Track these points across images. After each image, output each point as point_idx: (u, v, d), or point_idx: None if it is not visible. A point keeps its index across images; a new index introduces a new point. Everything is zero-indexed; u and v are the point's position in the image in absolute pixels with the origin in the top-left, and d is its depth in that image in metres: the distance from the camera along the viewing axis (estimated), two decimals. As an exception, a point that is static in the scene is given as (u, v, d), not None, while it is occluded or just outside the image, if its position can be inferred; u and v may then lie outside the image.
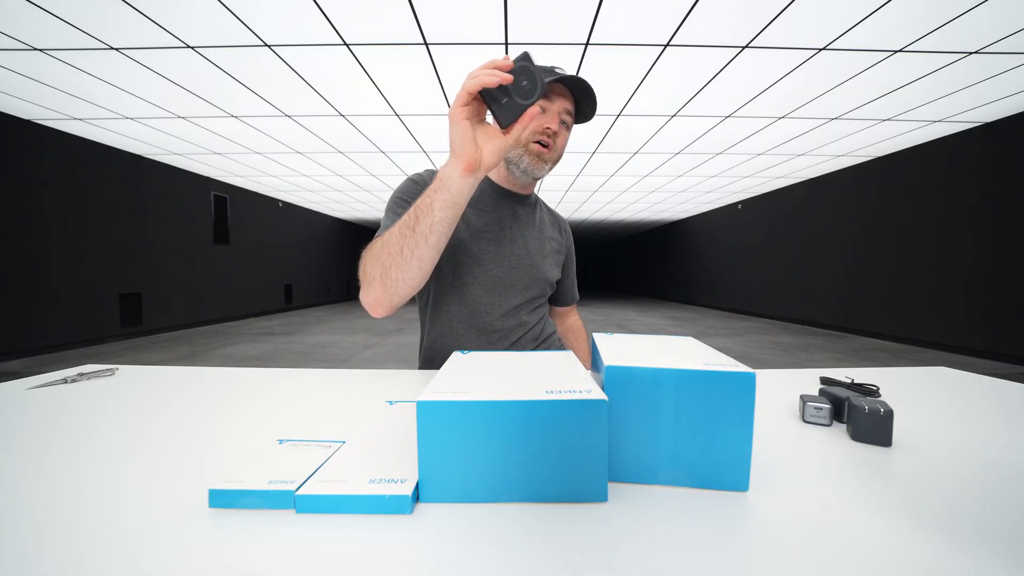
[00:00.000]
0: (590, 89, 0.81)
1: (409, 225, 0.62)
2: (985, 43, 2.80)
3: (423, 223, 0.61)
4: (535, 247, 0.95)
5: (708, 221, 9.92)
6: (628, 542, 0.32)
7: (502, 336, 0.90)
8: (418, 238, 0.62)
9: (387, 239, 0.64)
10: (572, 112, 0.85)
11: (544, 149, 0.84)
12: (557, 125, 0.83)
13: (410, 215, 0.63)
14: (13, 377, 2.19)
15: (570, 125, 0.86)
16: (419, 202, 0.62)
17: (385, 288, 0.66)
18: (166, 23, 2.61)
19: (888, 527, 0.34)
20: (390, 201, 0.86)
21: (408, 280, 0.65)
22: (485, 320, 0.89)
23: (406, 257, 0.63)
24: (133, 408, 0.66)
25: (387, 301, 0.68)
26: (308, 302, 10.18)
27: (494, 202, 0.93)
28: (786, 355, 4.59)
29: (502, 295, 0.90)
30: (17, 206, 4.33)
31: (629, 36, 2.79)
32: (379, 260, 0.65)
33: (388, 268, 0.64)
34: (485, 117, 0.60)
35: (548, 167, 0.87)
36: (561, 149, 0.87)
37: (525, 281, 0.92)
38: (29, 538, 0.33)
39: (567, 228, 1.10)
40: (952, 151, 4.67)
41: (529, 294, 0.93)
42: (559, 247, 1.04)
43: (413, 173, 1.02)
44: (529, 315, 0.94)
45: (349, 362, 4.31)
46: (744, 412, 0.39)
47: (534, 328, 0.95)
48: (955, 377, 0.84)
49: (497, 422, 0.37)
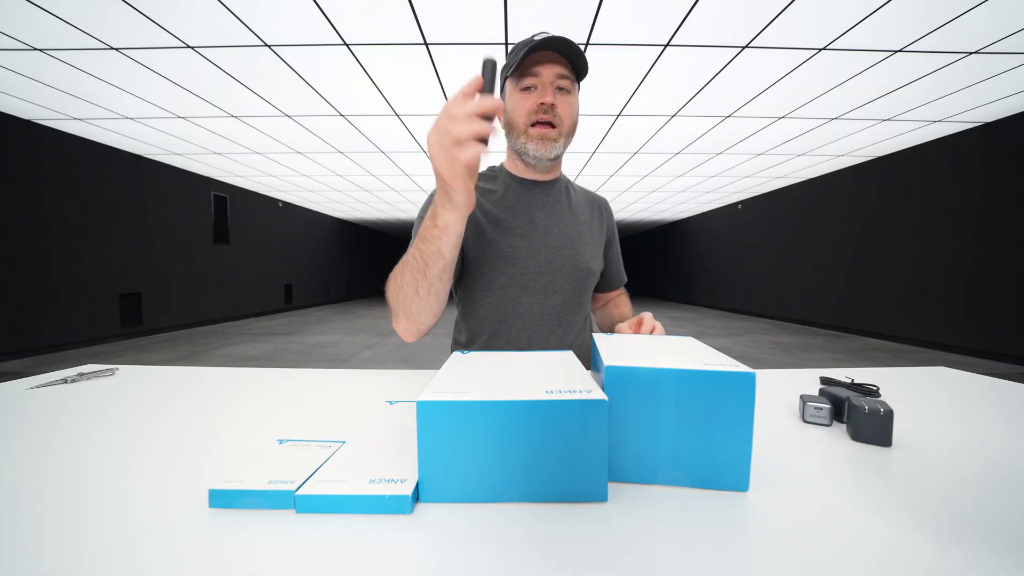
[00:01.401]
0: (575, 46, 0.74)
1: (419, 269, 0.63)
2: (985, 43, 2.80)
3: (434, 267, 0.62)
4: (572, 234, 0.86)
5: (708, 221, 9.92)
6: (628, 542, 0.32)
7: (541, 339, 0.83)
8: (431, 280, 0.64)
9: (401, 282, 0.66)
10: (568, 74, 0.76)
11: (546, 128, 0.77)
12: (552, 96, 0.75)
13: (417, 259, 0.63)
14: (13, 377, 2.19)
15: (571, 88, 0.78)
16: (424, 248, 0.61)
17: (411, 320, 0.69)
18: (166, 23, 2.61)
19: (888, 527, 0.34)
20: (417, 220, 0.82)
21: (430, 311, 0.69)
22: (524, 322, 0.83)
23: (423, 297, 0.66)
24: (133, 408, 0.66)
25: (415, 330, 0.71)
26: (308, 302, 10.18)
27: (518, 195, 0.86)
28: (786, 355, 4.59)
29: (541, 293, 0.83)
30: (17, 206, 4.33)
31: (629, 36, 2.78)
32: (399, 299, 0.67)
33: (409, 307, 0.67)
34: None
35: (560, 143, 0.79)
36: (569, 117, 0.78)
37: (566, 274, 0.84)
38: (29, 538, 0.33)
39: (607, 207, 0.98)
40: (952, 151, 4.67)
41: (571, 288, 0.85)
42: (599, 230, 0.93)
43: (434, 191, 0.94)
44: (574, 315, 0.87)
45: (349, 362, 4.31)
46: (744, 412, 0.39)
47: (577, 336, 0.88)
48: (955, 377, 0.84)
49: (497, 422, 0.37)
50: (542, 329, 0.84)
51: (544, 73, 0.75)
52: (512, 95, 0.79)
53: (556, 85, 0.76)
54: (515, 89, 0.79)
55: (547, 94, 0.75)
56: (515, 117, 0.79)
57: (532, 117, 0.77)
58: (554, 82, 0.76)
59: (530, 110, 0.76)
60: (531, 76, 0.76)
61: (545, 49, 0.73)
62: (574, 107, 0.79)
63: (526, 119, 0.77)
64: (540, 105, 0.75)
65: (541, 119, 0.76)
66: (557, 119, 0.77)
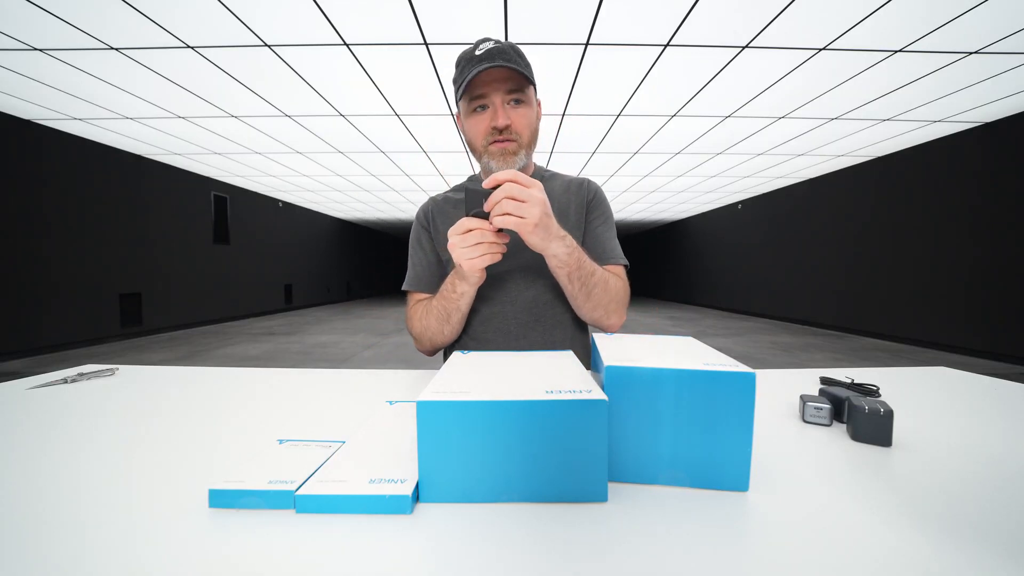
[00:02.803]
0: (516, 55, 0.75)
1: (444, 319, 0.80)
2: (985, 43, 2.80)
3: (455, 316, 0.80)
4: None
5: (708, 221, 9.92)
6: (628, 542, 0.32)
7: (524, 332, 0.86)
8: (454, 324, 0.81)
9: (427, 325, 0.83)
10: (517, 86, 0.76)
11: (505, 143, 0.77)
12: (504, 117, 0.75)
13: (441, 312, 0.80)
14: (13, 377, 2.19)
15: (523, 98, 0.77)
16: (447, 305, 0.78)
17: (435, 347, 0.88)
18: (166, 23, 2.61)
19: (888, 527, 0.34)
20: (410, 246, 0.96)
21: (451, 339, 0.86)
22: (499, 321, 0.86)
23: (447, 335, 0.84)
24: (133, 408, 0.66)
25: (435, 351, 0.90)
26: (308, 302, 10.18)
27: None
28: (786, 355, 4.59)
29: (514, 291, 0.86)
30: (17, 206, 4.33)
31: (629, 36, 2.78)
32: (425, 335, 0.85)
33: (435, 339, 0.85)
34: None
35: (521, 155, 0.79)
36: (526, 128, 0.79)
37: (538, 268, 0.85)
38: (29, 538, 0.33)
39: (586, 185, 0.92)
40: (952, 151, 4.67)
41: (544, 281, 0.85)
42: (578, 212, 0.89)
43: (420, 208, 0.95)
44: (551, 308, 0.87)
45: (349, 362, 4.31)
46: (744, 412, 0.39)
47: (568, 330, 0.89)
48: (955, 377, 0.84)
49: (497, 422, 0.37)
50: (518, 325, 0.86)
51: (494, 95, 0.76)
52: (467, 118, 0.81)
53: (507, 100, 0.77)
54: (468, 111, 0.80)
55: (499, 117, 0.76)
56: (473, 139, 0.81)
57: (489, 137, 0.78)
58: (505, 101, 0.76)
59: (485, 131, 0.78)
60: (481, 97, 0.77)
61: (490, 67, 0.72)
62: (530, 116, 0.80)
63: (484, 140, 0.79)
64: (492, 129, 0.77)
65: (498, 138, 0.78)
66: (514, 134, 0.78)
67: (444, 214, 0.91)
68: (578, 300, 0.79)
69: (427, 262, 0.91)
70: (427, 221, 0.92)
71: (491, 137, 0.78)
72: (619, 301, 0.83)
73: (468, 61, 0.76)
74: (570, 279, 0.75)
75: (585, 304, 0.80)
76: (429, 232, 0.92)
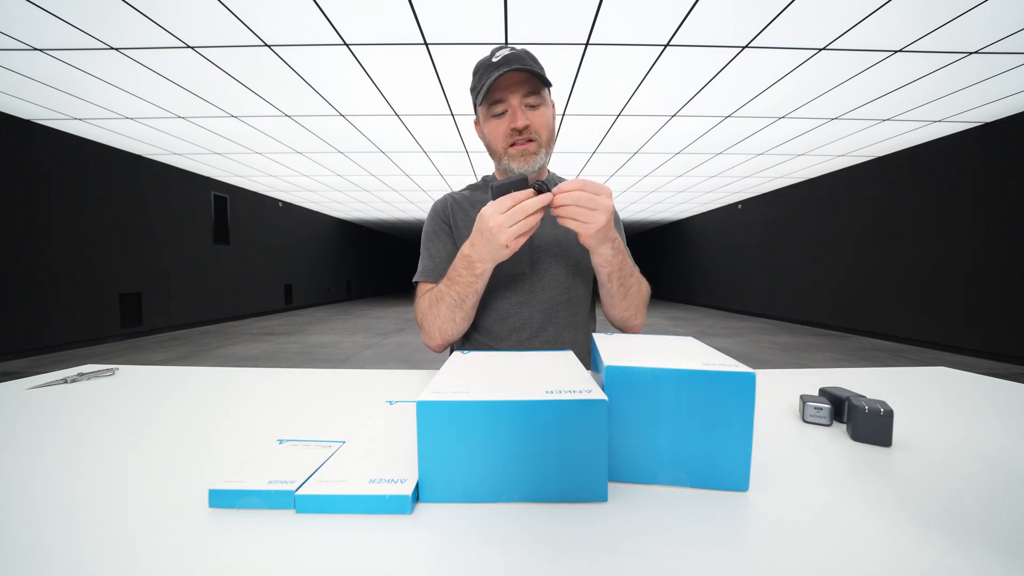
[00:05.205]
0: (532, 60, 0.78)
1: (456, 304, 0.77)
2: (985, 43, 2.80)
3: (470, 301, 0.77)
4: (559, 232, 0.87)
5: (708, 221, 9.92)
6: (628, 542, 0.32)
7: (537, 332, 0.85)
8: (467, 310, 0.79)
9: (438, 312, 0.79)
10: (534, 88, 0.79)
11: (525, 144, 0.80)
12: (523, 119, 0.78)
13: (453, 297, 0.77)
14: (13, 377, 2.19)
15: (540, 101, 0.80)
16: (461, 290, 0.75)
17: (444, 339, 0.83)
18: (166, 23, 2.61)
19: (888, 527, 0.34)
20: (423, 237, 0.94)
21: (462, 330, 0.82)
22: (512, 322, 0.85)
23: (459, 323, 0.80)
24: (133, 408, 0.66)
25: (446, 344, 0.85)
26: (308, 302, 10.18)
27: None
28: (786, 355, 4.59)
29: (528, 292, 0.86)
30: (17, 206, 4.32)
31: (629, 36, 2.78)
32: (435, 325, 0.81)
33: (445, 329, 0.81)
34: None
35: (541, 155, 0.82)
36: (544, 128, 0.81)
37: (553, 272, 0.86)
38: (29, 538, 0.33)
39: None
40: (952, 151, 4.67)
41: (559, 284, 0.87)
42: None
43: (438, 203, 0.95)
44: (564, 311, 0.88)
45: (349, 362, 4.31)
46: (744, 412, 0.39)
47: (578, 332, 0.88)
48: (955, 377, 0.84)
49: (497, 422, 0.37)
50: (532, 325, 0.86)
51: (511, 98, 0.78)
52: (486, 121, 0.83)
53: (525, 104, 0.79)
54: (488, 115, 0.82)
55: (518, 118, 0.78)
56: (493, 141, 0.83)
57: (509, 139, 0.80)
58: (522, 103, 0.79)
59: (505, 134, 0.80)
60: (500, 102, 0.79)
61: (507, 71, 0.75)
62: (548, 116, 0.82)
63: (503, 142, 0.81)
64: (511, 131, 0.79)
65: (518, 139, 0.80)
66: (533, 134, 0.80)
67: (465, 212, 0.92)
68: (615, 298, 0.81)
69: (446, 253, 0.90)
70: (447, 215, 0.93)
71: (511, 139, 0.80)
72: (646, 303, 0.87)
73: (486, 68, 0.78)
74: (610, 278, 0.77)
75: (620, 303, 0.82)
76: (449, 226, 0.92)
